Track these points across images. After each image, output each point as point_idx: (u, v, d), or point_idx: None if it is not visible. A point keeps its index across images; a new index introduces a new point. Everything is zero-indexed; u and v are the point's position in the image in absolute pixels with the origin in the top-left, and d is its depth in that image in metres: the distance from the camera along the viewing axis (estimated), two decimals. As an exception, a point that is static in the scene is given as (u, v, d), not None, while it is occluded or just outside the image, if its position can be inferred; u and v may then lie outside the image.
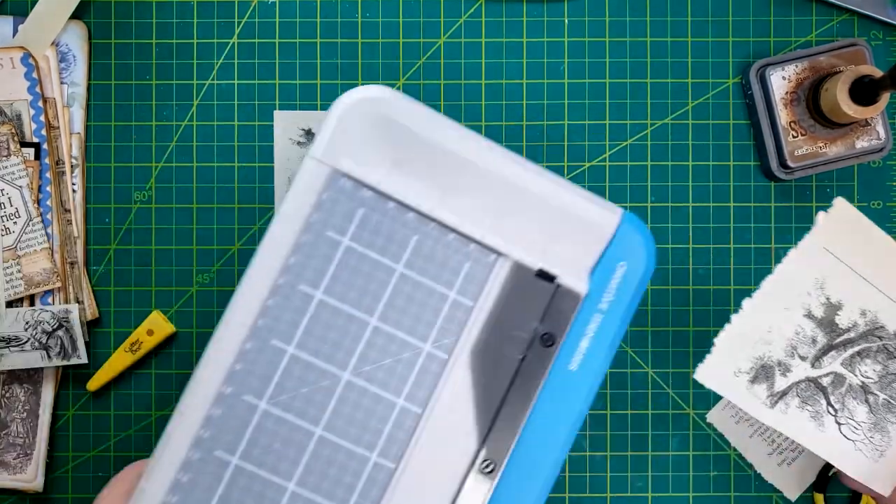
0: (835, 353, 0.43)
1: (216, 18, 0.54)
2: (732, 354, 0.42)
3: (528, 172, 0.40)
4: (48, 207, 0.52)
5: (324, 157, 0.38)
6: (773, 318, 0.43)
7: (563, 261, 0.40)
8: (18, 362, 0.52)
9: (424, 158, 0.39)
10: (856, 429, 0.44)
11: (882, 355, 0.44)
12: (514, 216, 0.39)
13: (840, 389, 0.44)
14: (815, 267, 0.43)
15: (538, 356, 0.39)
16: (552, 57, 0.55)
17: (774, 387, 0.43)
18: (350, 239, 0.39)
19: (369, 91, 0.39)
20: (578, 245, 0.40)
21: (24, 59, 0.52)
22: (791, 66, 0.53)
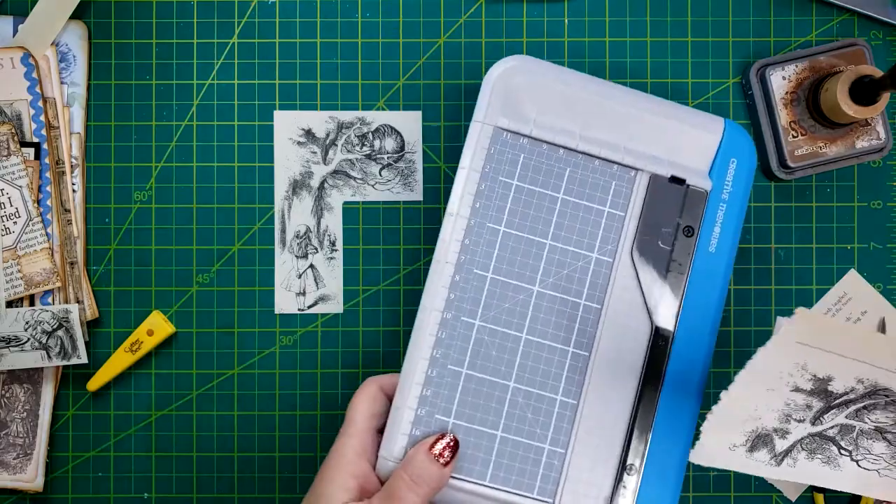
0: (836, 410, 0.44)
1: (216, 18, 0.54)
2: (723, 434, 0.43)
3: (645, 100, 0.49)
4: (48, 207, 0.52)
5: (486, 120, 0.47)
6: (757, 400, 0.43)
7: (688, 166, 0.49)
8: (18, 362, 0.52)
9: (562, 104, 0.48)
10: (875, 460, 0.45)
11: (893, 406, 0.43)
12: (642, 137, 0.48)
13: (850, 435, 0.44)
14: (792, 356, 0.42)
15: (683, 245, 0.48)
16: (552, 57, 0.55)
17: (776, 448, 0.44)
18: (517, 180, 0.48)
19: (509, 61, 0.48)
20: (696, 151, 0.49)
21: (24, 59, 0.52)
22: (791, 66, 0.53)
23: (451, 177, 0.54)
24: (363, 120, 0.54)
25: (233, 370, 0.54)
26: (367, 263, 0.54)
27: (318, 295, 0.54)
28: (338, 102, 0.54)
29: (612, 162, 0.48)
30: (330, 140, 0.54)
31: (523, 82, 0.48)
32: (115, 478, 0.54)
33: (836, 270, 0.55)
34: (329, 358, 0.54)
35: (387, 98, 0.55)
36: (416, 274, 0.54)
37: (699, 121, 0.49)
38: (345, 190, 0.54)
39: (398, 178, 0.54)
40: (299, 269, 0.54)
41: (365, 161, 0.54)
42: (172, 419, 0.54)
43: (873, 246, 0.55)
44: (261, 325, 0.54)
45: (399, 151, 0.54)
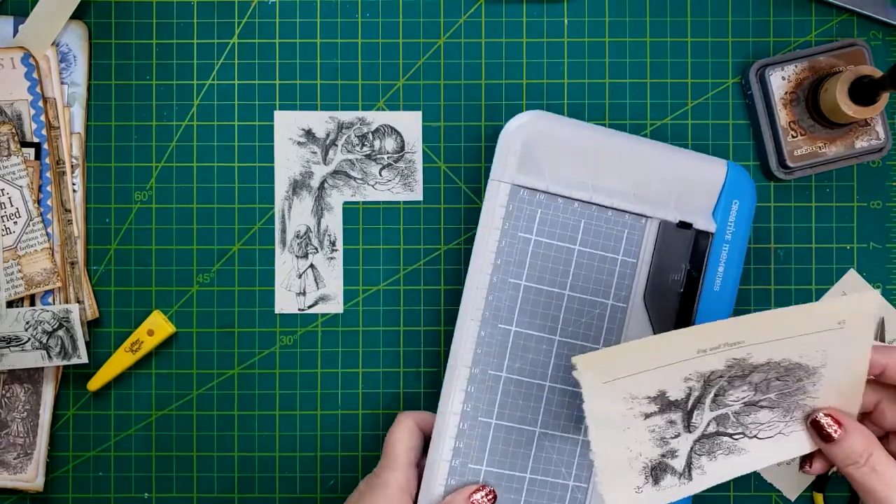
0: (697, 411, 0.44)
1: (216, 19, 0.55)
2: (621, 484, 0.44)
3: (652, 147, 0.50)
4: (48, 207, 0.52)
5: (502, 178, 0.49)
6: (624, 443, 0.43)
7: (693, 210, 0.50)
8: (19, 362, 0.52)
9: (574, 157, 0.49)
10: (769, 426, 0.45)
11: (736, 381, 0.44)
12: (650, 184, 0.50)
13: (729, 421, 0.45)
14: (612, 395, 0.42)
15: (690, 287, 0.50)
16: (552, 57, 0.55)
17: (676, 469, 0.45)
18: (536, 235, 0.49)
19: (522, 118, 0.49)
20: (701, 194, 0.51)
21: (24, 59, 0.52)
22: (791, 67, 0.53)
23: (450, 177, 0.55)
24: (363, 120, 0.54)
25: (233, 370, 0.54)
26: (367, 263, 0.54)
27: (318, 295, 0.54)
28: (338, 103, 0.55)
29: (624, 211, 0.50)
30: (330, 140, 0.54)
31: (538, 138, 0.49)
32: (115, 478, 0.54)
33: (836, 270, 0.55)
34: (329, 358, 0.54)
35: (387, 98, 0.55)
36: (416, 274, 0.55)
37: (704, 164, 0.50)
38: (345, 190, 0.54)
39: (398, 179, 0.54)
40: (299, 269, 0.54)
41: (365, 161, 0.54)
42: (173, 419, 0.54)
43: (873, 246, 0.55)
44: (261, 325, 0.54)
45: (399, 151, 0.54)
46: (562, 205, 0.49)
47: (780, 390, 0.44)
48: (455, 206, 0.54)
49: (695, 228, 0.50)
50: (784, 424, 0.45)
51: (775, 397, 0.44)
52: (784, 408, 0.45)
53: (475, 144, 0.52)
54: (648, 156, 0.50)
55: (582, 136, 0.49)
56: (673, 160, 0.50)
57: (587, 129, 0.50)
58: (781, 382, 0.44)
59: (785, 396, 0.44)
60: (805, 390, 0.44)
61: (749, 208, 0.51)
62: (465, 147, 0.54)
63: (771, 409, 0.45)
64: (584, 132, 0.49)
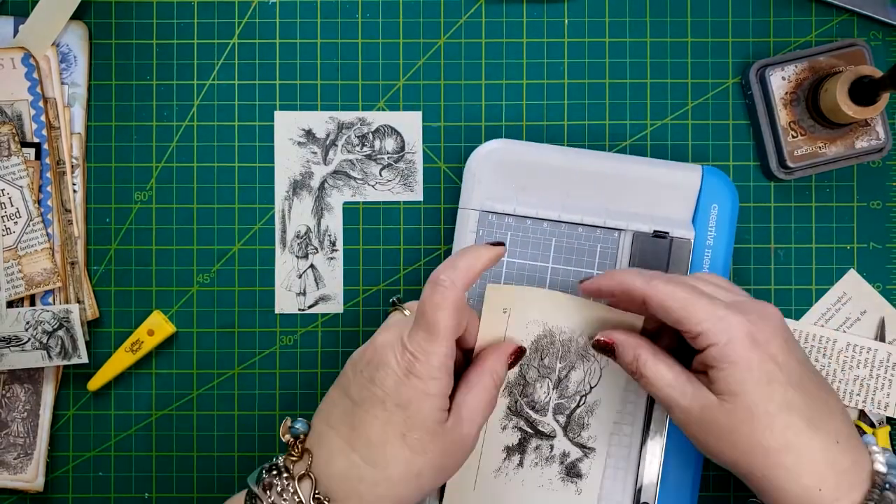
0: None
1: (216, 19, 0.55)
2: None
3: (621, 162, 0.51)
4: (49, 207, 0.52)
5: (470, 205, 0.50)
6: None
7: (670, 218, 0.51)
8: (19, 362, 0.52)
9: (541, 179, 0.50)
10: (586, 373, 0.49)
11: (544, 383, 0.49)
12: (622, 197, 0.51)
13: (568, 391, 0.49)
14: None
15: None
16: (552, 57, 0.55)
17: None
18: (507, 256, 0.50)
19: (487, 147, 0.51)
20: (677, 202, 0.51)
21: (24, 59, 0.52)
22: (791, 67, 0.53)
23: (450, 177, 0.55)
24: (363, 120, 0.54)
25: (233, 370, 0.54)
26: (367, 263, 0.54)
27: (319, 295, 0.54)
28: (338, 103, 0.55)
29: (595, 227, 0.50)
30: (330, 140, 0.54)
31: (502, 164, 0.50)
32: (115, 478, 0.54)
33: (836, 270, 0.55)
34: (329, 358, 0.54)
35: (387, 98, 0.55)
36: (416, 274, 0.55)
37: (677, 172, 0.51)
38: (345, 190, 0.54)
39: (398, 179, 0.54)
40: (299, 269, 0.54)
41: (365, 161, 0.54)
42: (173, 419, 0.54)
43: (873, 246, 0.55)
44: (261, 325, 0.54)
45: (399, 152, 0.54)
46: (531, 225, 0.50)
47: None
48: (455, 206, 0.54)
49: (671, 237, 0.50)
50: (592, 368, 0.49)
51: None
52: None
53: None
54: (617, 170, 0.50)
55: (548, 159, 0.50)
56: (644, 172, 0.50)
57: (552, 151, 0.51)
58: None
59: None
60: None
61: (730, 210, 0.51)
62: (465, 147, 0.54)
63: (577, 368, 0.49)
64: (549, 155, 0.50)
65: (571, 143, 0.55)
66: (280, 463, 0.42)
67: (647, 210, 0.51)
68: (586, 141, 0.55)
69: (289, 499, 0.40)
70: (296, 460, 0.42)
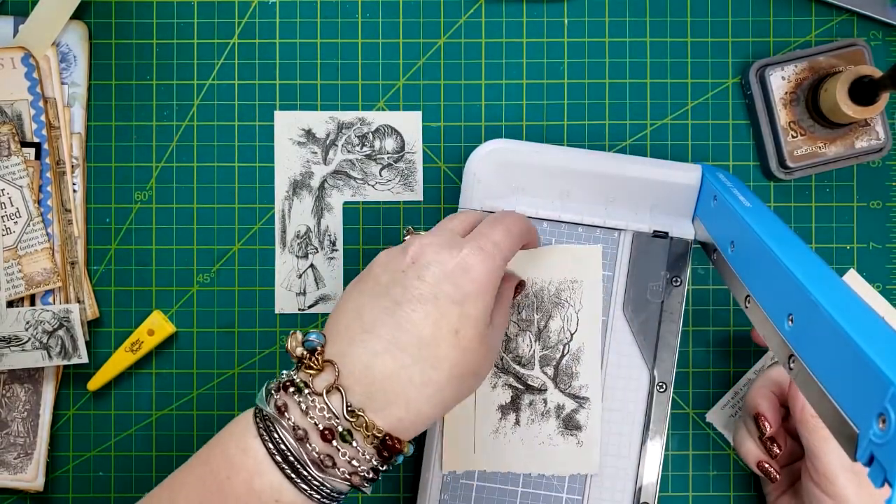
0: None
1: (216, 19, 0.55)
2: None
3: (620, 161, 0.50)
4: (49, 207, 0.52)
5: (470, 205, 0.50)
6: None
7: (671, 218, 0.51)
8: (19, 362, 0.52)
9: (541, 179, 0.50)
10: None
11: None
12: (622, 197, 0.50)
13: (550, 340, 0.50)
14: None
15: (672, 295, 0.50)
16: (552, 57, 0.55)
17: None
18: None
19: (488, 146, 0.50)
20: (677, 202, 0.51)
21: (24, 59, 0.52)
22: (790, 67, 0.53)
23: (450, 177, 0.55)
24: (363, 120, 0.54)
25: (233, 370, 0.54)
26: (366, 263, 0.54)
27: (319, 295, 0.54)
28: (338, 103, 0.55)
29: (595, 227, 0.50)
30: (330, 140, 0.54)
31: (502, 164, 0.50)
32: (115, 477, 0.54)
33: (836, 270, 0.55)
34: (329, 358, 0.54)
35: (387, 98, 0.55)
36: (417, 274, 0.55)
37: (676, 172, 0.50)
38: (345, 190, 0.54)
39: (398, 179, 0.54)
40: (299, 269, 0.54)
41: (365, 161, 0.54)
42: (173, 419, 0.54)
43: (873, 246, 0.55)
44: (261, 324, 0.54)
45: (399, 151, 0.54)
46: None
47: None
48: (455, 206, 0.54)
49: (671, 236, 0.50)
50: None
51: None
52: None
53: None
54: (617, 170, 0.50)
55: (548, 159, 0.50)
56: (644, 172, 0.50)
57: (552, 151, 0.50)
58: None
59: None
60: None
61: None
62: (465, 147, 0.54)
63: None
64: (549, 155, 0.50)
65: (571, 143, 0.55)
66: (295, 379, 0.39)
67: (647, 210, 0.51)
68: (586, 141, 0.55)
69: (317, 416, 0.37)
70: (315, 374, 0.39)
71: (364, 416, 0.38)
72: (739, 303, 0.43)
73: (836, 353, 0.32)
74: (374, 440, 0.38)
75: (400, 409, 0.38)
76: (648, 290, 0.50)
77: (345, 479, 0.38)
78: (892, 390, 0.28)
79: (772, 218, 0.43)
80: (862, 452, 0.30)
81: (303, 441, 0.37)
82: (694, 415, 0.55)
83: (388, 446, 0.38)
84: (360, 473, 0.38)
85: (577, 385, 0.50)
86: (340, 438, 0.37)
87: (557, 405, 0.50)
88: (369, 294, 0.41)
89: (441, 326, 0.39)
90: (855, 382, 0.31)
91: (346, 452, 0.38)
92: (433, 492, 0.50)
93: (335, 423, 0.37)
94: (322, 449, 0.37)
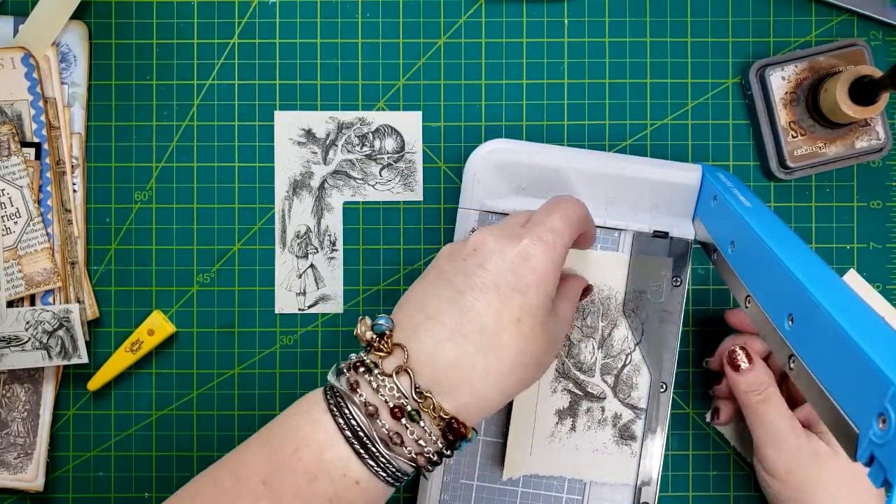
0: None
1: (216, 19, 0.55)
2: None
3: (621, 161, 0.50)
4: (49, 207, 0.52)
5: (471, 205, 0.50)
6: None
7: (671, 218, 0.51)
8: (19, 362, 0.52)
9: (541, 179, 0.50)
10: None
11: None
12: (622, 197, 0.50)
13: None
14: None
15: (672, 295, 0.50)
16: (552, 57, 0.55)
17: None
18: None
19: (488, 146, 0.50)
20: (677, 202, 0.50)
21: (24, 59, 0.52)
22: (790, 67, 0.53)
23: (450, 177, 0.55)
24: (363, 120, 0.54)
25: (233, 370, 0.54)
26: (367, 263, 0.54)
27: (319, 295, 0.54)
28: (338, 102, 0.55)
29: (595, 227, 0.49)
30: (330, 140, 0.54)
31: (502, 164, 0.50)
32: (115, 477, 0.54)
33: (836, 270, 0.55)
34: (329, 358, 0.54)
35: (387, 98, 0.55)
36: (416, 274, 0.54)
37: (676, 172, 0.50)
38: (345, 190, 0.54)
39: (398, 179, 0.54)
40: (299, 269, 0.54)
41: (365, 161, 0.54)
42: (173, 419, 0.54)
43: (873, 246, 0.55)
44: (261, 324, 0.54)
45: (399, 151, 0.54)
46: None
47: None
48: (455, 206, 0.54)
49: (671, 236, 0.50)
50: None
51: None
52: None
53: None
54: (617, 170, 0.50)
55: (548, 159, 0.50)
56: (644, 172, 0.50)
57: (552, 151, 0.50)
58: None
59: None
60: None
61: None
62: (465, 147, 0.54)
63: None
64: (549, 155, 0.50)
65: (571, 143, 0.55)
66: (366, 360, 0.40)
67: (647, 210, 0.51)
68: (586, 141, 0.55)
69: (387, 394, 0.38)
70: (384, 356, 0.40)
71: (432, 397, 0.39)
72: (739, 303, 0.43)
73: (836, 353, 0.32)
74: (440, 422, 0.39)
75: (464, 394, 0.39)
76: (648, 291, 0.50)
77: (410, 458, 0.39)
78: (892, 390, 0.28)
79: (772, 218, 0.43)
80: (862, 452, 0.30)
81: (373, 417, 0.38)
82: (694, 415, 0.55)
83: (453, 429, 0.39)
84: (425, 454, 0.39)
85: (636, 396, 0.50)
86: (409, 417, 0.38)
87: (615, 414, 0.50)
88: (433, 283, 0.42)
89: (503, 315, 0.40)
90: (855, 382, 0.31)
91: (414, 431, 0.38)
92: (433, 492, 0.50)
93: (404, 402, 0.38)
94: (391, 426, 0.38)
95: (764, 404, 0.47)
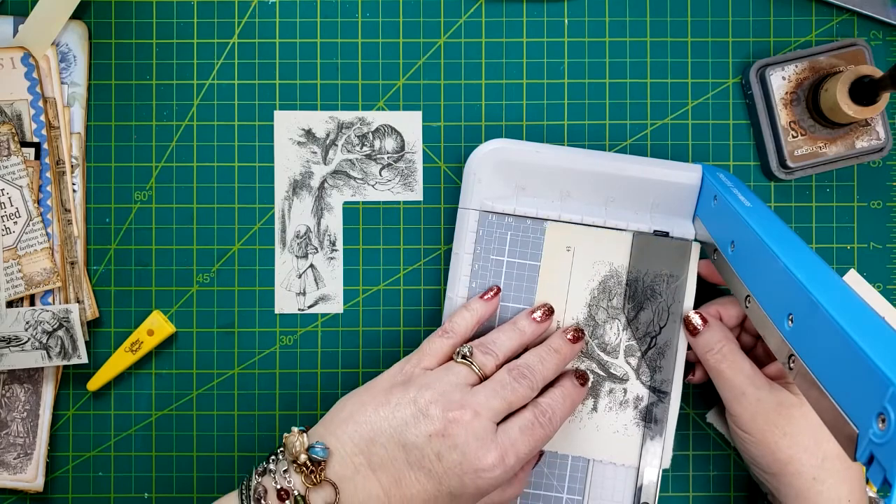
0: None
1: (216, 18, 0.55)
2: None
3: (620, 161, 0.50)
4: (48, 207, 0.52)
5: (470, 205, 0.50)
6: None
7: (671, 218, 0.51)
8: (19, 362, 0.52)
9: (541, 179, 0.50)
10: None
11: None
12: (622, 197, 0.50)
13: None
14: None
15: (673, 294, 0.50)
16: (552, 57, 0.55)
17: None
18: (507, 256, 0.50)
19: (488, 146, 0.50)
20: (678, 202, 0.51)
21: (24, 59, 0.52)
22: (791, 67, 0.53)
23: (450, 177, 0.55)
24: (363, 120, 0.54)
25: (233, 370, 0.54)
26: (367, 263, 0.54)
27: (318, 295, 0.54)
28: (338, 102, 0.55)
29: (595, 227, 0.50)
30: (330, 140, 0.54)
31: (502, 164, 0.50)
32: (115, 478, 0.54)
33: (836, 270, 0.55)
34: (329, 358, 0.54)
35: (387, 98, 0.55)
36: (416, 274, 0.54)
37: (677, 172, 0.50)
38: (345, 190, 0.54)
39: (398, 178, 0.54)
40: (299, 269, 0.54)
41: (365, 161, 0.54)
42: (173, 419, 0.54)
43: (873, 246, 0.55)
44: (261, 324, 0.54)
45: (399, 151, 0.54)
46: (531, 225, 0.50)
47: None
48: (455, 206, 0.54)
49: (671, 236, 0.50)
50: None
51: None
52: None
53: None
54: (617, 170, 0.50)
55: (548, 159, 0.50)
56: (644, 172, 0.50)
57: (552, 150, 0.50)
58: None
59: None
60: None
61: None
62: (465, 147, 0.54)
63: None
64: (549, 155, 0.50)
65: (571, 143, 0.55)
66: (293, 491, 0.40)
67: (648, 210, 0.51)
68: (586, 141, 0.55)
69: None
70: (313, 488, 0.41)
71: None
72: (739, 303, 0.43)
73: (836, 352, 0.32)
74: None
75: None
76: (650, 290, 0.50)
77: None
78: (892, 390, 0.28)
79: (772, 218, 0.43)
80: (862, 452, 0.30)
81: None
82: (694, 415, 0.55)
83: None
84: None
85: (659, 379, 0.50)
86: None
87: (636, 396, 0.50)
88: (385, 425, 0.42)
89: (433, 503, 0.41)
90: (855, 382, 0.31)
91: None
92: None
93: None
94: None
95: (722, 362, 0.48)
